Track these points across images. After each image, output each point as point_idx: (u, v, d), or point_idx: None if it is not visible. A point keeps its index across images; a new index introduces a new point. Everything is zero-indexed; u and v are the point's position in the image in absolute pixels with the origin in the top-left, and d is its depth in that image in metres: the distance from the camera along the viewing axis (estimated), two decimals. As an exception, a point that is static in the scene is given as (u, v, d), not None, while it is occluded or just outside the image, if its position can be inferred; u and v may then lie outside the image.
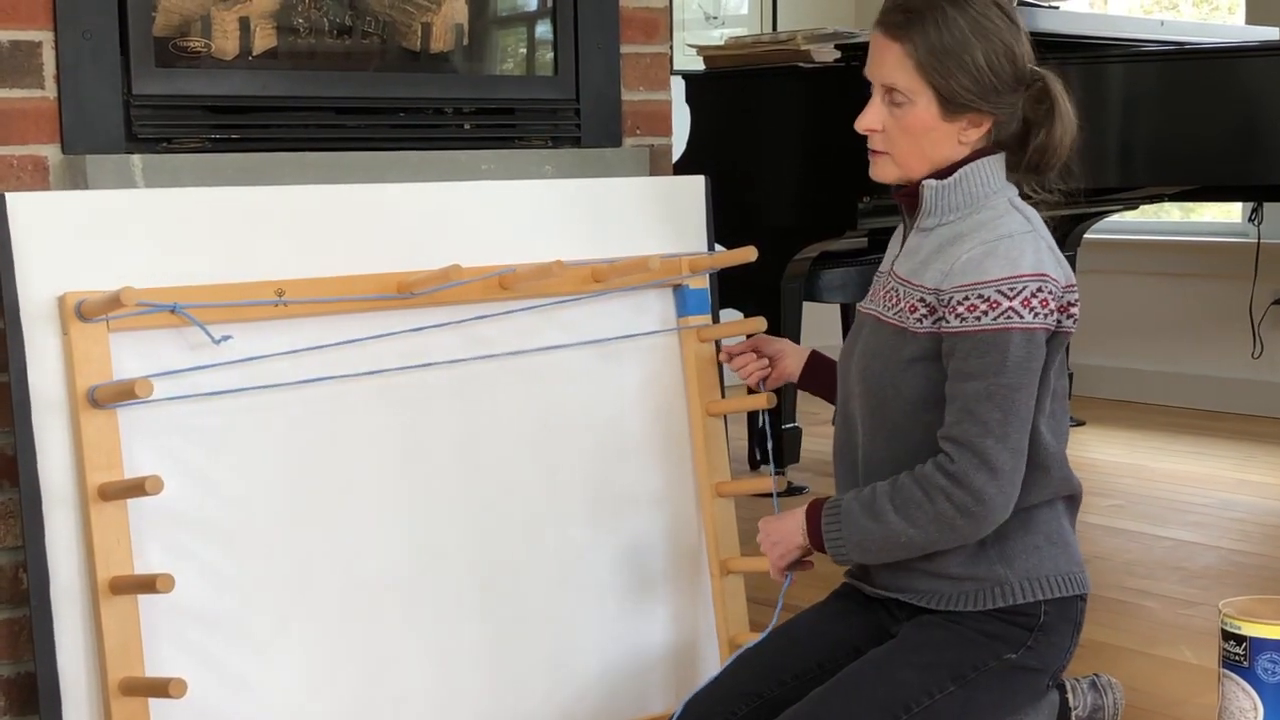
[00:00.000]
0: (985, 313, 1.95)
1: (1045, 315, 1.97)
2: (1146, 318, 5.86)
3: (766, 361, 2.45)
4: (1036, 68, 2.07)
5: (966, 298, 1.97)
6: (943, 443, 1.98)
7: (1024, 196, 2.11)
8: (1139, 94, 4.24)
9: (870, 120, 2.07)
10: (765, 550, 2.19)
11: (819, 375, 2.40)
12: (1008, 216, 2.03)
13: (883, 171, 2.11)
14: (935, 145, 2.05)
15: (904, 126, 2.05)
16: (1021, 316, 1.95)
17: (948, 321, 1.98)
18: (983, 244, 1.99)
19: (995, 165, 2.07)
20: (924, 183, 2.06)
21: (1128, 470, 4.67)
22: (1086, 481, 2.20)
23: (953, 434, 1.97)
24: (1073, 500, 2.13)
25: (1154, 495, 4.33)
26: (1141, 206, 5.27)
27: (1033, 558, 2.05)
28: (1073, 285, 2.03)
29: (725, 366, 2.58)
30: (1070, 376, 5.25)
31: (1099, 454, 4.93)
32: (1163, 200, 5.17)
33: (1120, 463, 4.79)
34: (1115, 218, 5.57)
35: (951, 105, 2.02)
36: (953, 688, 2.01)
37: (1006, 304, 1.95)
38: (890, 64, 2.04)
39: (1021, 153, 2.09)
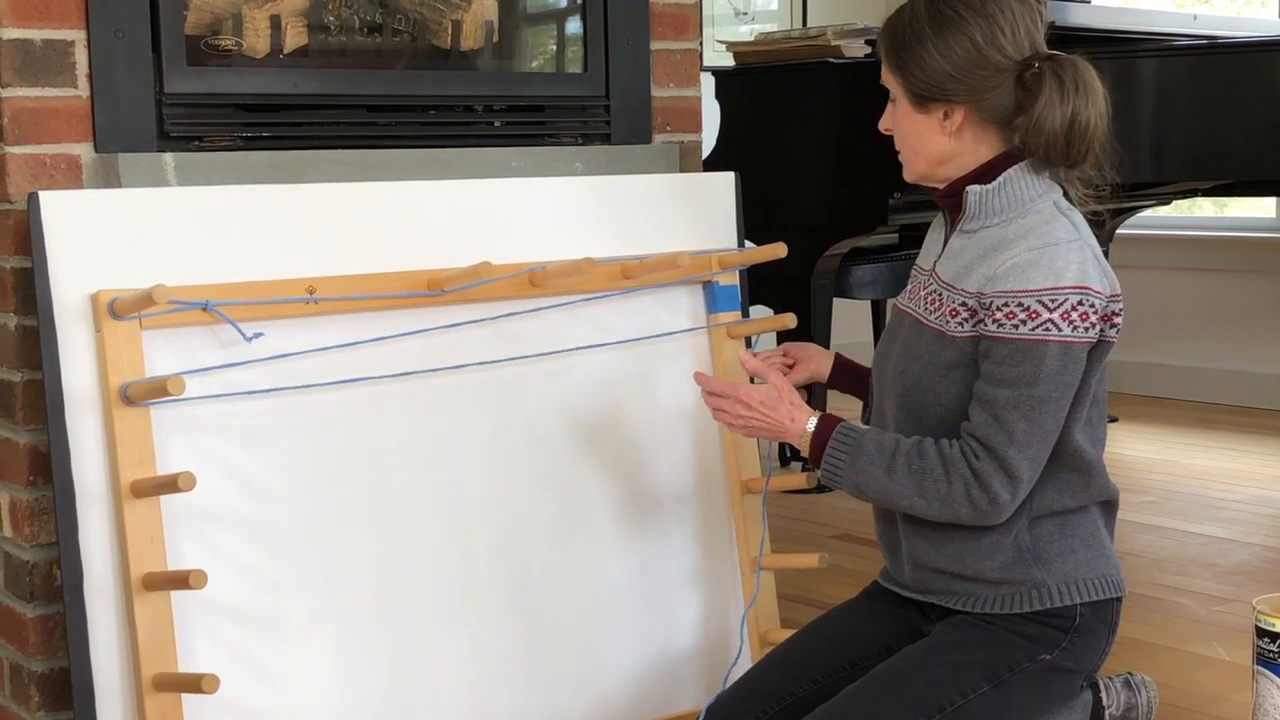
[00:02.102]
0: (1024, 321, 1.95)
1: (1085, 329, 1.95)
2: (1179, 313, 5.83)
3: (786, 353, 2.44)
4: (1044, 53, 2.02)
5: (1007, 304, 1.96)
6: (967, 438, 1.98)
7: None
8: (1171, 89, 4.21)
9: (882, 122, 2.14)
10: (738, 410, 2.11)
11: (846, 376, 2.40)
12: (1055, 223, 2.01)
13: (904, 172, 2.14)
14: (920, 138, 2.07)
15: (896, 124, 2.11)
16: (1060, 329, 1.94)
17: (986, 325, 1.98)
18: (1029, 250, 1.98)
19: (1039, 170, 2.05)
20: (968, 187, 2.05)
21: (1160, 466, 4.65)
22: (1119, 477, 2.19)
23: (979, 434, 1.97)
24: (1109, 506, 2.11)
25: (1186, 491, 4.31)
26: (1174, 202, 5.25)
27: (1069, 561, 2.04)
28: (1118, 295, 2.01)
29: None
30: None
31: (1131, 450, 4.90)
32: (1195, 195, 5.15)
33: (1152, 459, 4.77)
34: (1148, 213, 5.54)
35: (916, 97, 2.05)
36: (986, 687, 2.00)
37: (1046, 316, 1.94)
38: (882, 66, 2.11)
39: (1011, 136, 2.05)
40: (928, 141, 2.07)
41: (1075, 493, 2.04)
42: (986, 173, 2.06)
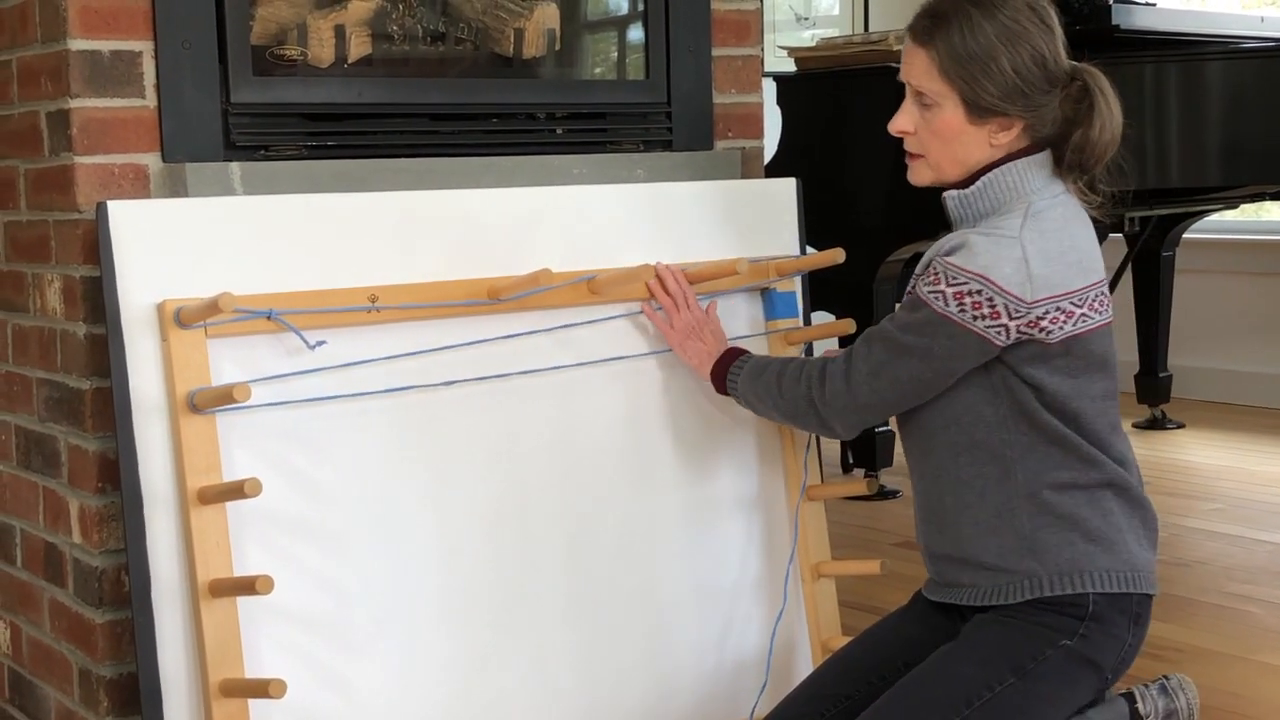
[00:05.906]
0: (927, 281, 2.02)
1: (973, 317, 1.97)
2: (1247, 318, 5.76)
3: None
4: (1077, 65, 2.05)
5: (928, 265, 2.03)
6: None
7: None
8: (1239, 91, 4.17)
9: (901, 123, 2.11)
10: (685, 318, 2.41)
11: None
12: (1010, 218, 2.02)
13: (918, 175, 2.14)
14: (965, 149, 2.06)
15: (934, 130, 2.08)
16: (946, 303, 1.99)
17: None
18: (964, 234, 2.03)
19: (1028, 168, 2.05)
20: (945, 194, 2.08)
21: (1228, 473, 4.59)
22: (1185, 485, 2.17)
23: (850, 347, 2.11)
24: (1124, 491, 2.07)
25: (1255, 499, 4.26)
26: (1241, 205, 5.19)
27: (1065, 553, 2.03)
28: (1039, 301, 1.98)
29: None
30: (1169, 378, 5.20)
31: (1198, 457, 4.85)
32: (1263, 199, 5.09)
33: (1220, 466, 4.71)
34: (1215, 217, 5.48)
35: (977, 109, 2.03)
36: (1012, 679, 2.02)
37: (942, 286, 1.99)
38: (918, 69, 2.07)
39: (1062, 150, 2.07)
40: (971, 152, 2.06)
41: (1060, 466, 2.03)
42: (967, 179, 2.06)
